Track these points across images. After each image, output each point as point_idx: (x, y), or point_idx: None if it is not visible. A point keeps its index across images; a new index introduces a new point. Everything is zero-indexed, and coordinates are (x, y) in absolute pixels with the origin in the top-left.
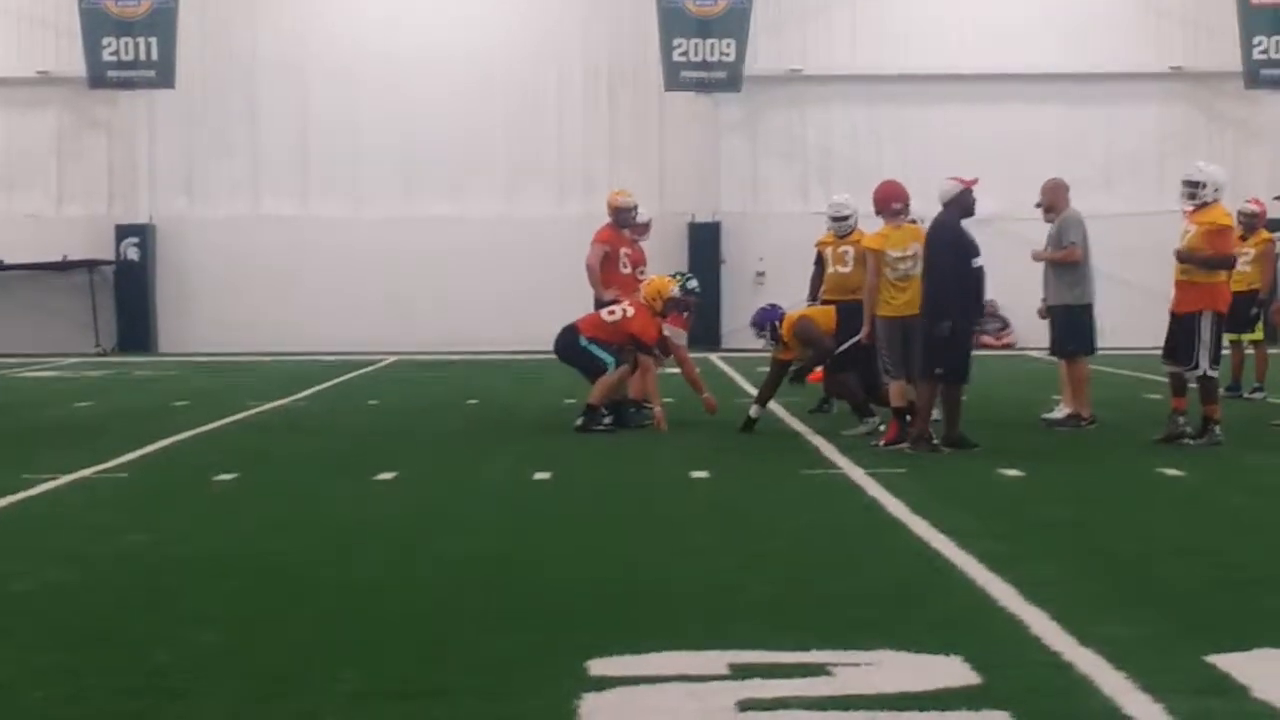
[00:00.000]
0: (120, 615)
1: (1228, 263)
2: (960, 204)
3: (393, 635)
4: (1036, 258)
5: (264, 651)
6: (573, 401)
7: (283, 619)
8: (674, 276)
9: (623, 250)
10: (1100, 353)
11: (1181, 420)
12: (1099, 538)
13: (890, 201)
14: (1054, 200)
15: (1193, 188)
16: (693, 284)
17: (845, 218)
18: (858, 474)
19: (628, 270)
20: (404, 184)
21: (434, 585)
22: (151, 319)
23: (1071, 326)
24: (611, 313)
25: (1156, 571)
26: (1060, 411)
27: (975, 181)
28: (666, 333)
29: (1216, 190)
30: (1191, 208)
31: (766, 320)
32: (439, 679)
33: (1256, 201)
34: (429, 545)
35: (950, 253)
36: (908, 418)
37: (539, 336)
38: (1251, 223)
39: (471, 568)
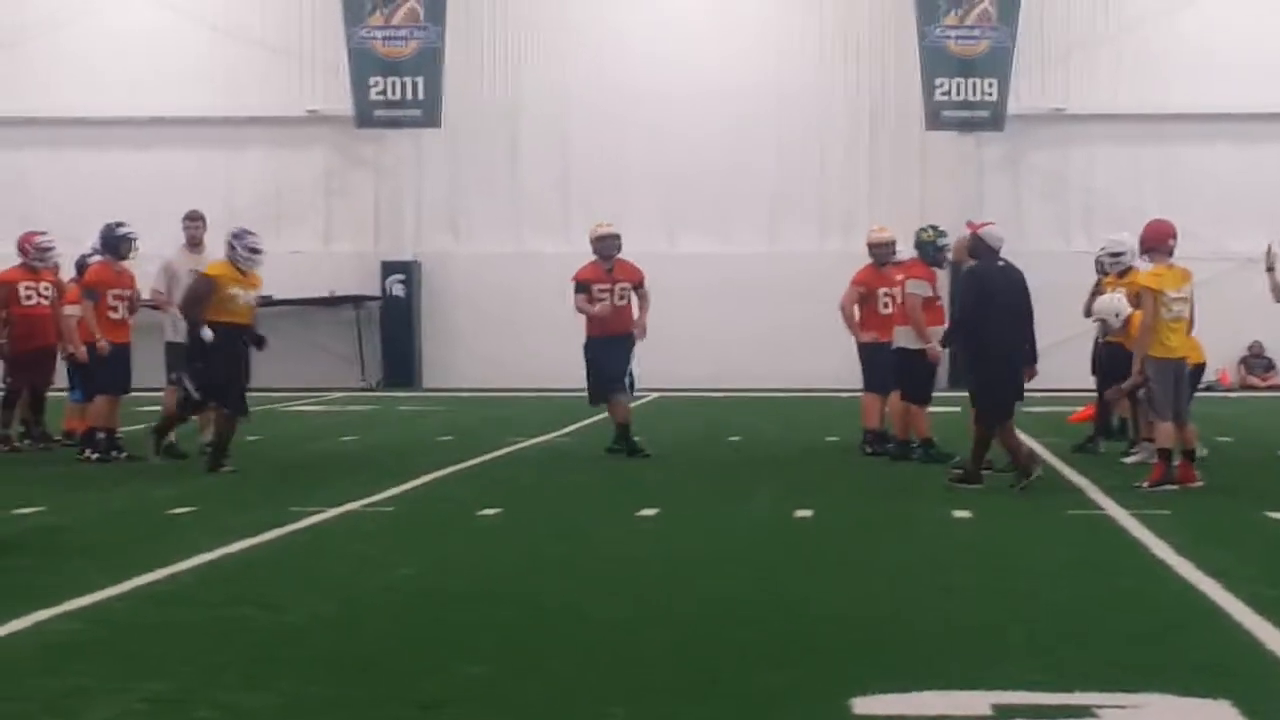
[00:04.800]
0: (389, 647)
1: None
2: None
3: (657, 673)
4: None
5: (531, 686)
6: (835, 439)
7: (549, 654)
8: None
9: (882, 290)
10: None
11: None
12: None
13: (1165, 240)
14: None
15: None
16: None
17: (1120, 254)
18: (1122, 515)
19: (888, 310)
20: (665, 220)
21: (698, 622)
22: (416, 354)
23: None
24: None
25: None
26: None
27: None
28: None
29: None
30: None
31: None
32: (704, 716)
33: None
34: (692, 582)
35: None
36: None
37: (799, 373)
38: None
39: (734, 605)
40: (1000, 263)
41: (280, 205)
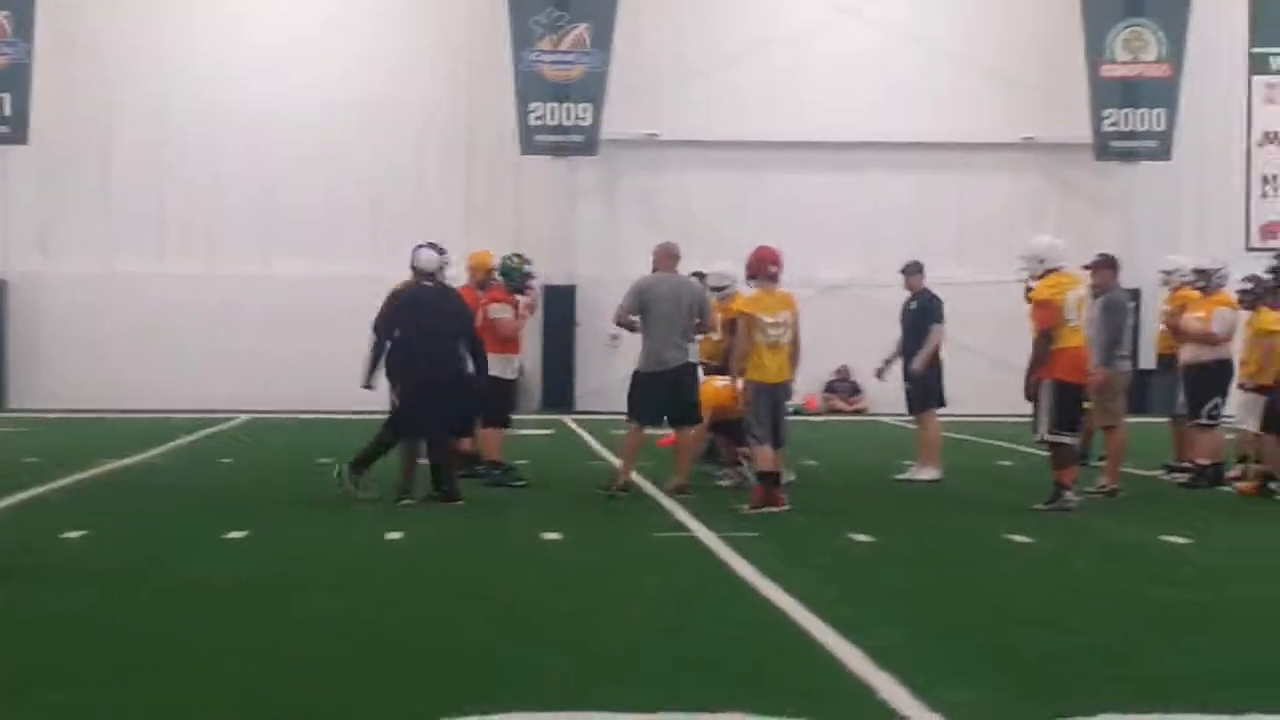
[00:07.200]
0: None
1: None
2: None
3: (237, 697)
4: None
5: (114, 713)
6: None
7: (133, 679)
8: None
9: (479, 312)
10: (950, 418)
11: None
12: (947, 603)
13: (765, 266)
14: (655, 263)
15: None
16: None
17: (723, 287)
18: (710, 537)
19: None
20: (261, 243)
21: (281, 647)
22: (2, 374)
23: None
24: None
25: (1003, 637)
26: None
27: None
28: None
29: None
30: None
31: None
32: None
33: None
34: (275, 606)
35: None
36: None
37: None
38: None
39: (318, 629)
40: (430, 284)
41: None
